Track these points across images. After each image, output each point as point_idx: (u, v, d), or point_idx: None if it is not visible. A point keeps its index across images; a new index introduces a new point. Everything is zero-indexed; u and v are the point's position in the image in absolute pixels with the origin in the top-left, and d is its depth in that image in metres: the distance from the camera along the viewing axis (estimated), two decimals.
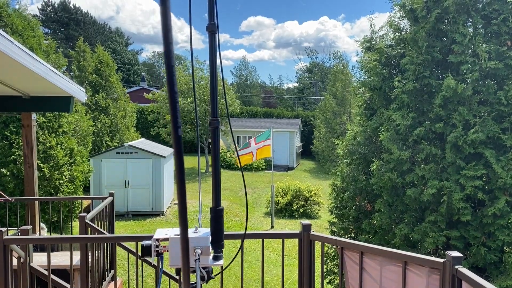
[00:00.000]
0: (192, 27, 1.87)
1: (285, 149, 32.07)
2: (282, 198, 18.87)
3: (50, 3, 45.95)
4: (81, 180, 14.86)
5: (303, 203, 18.51)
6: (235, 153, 30.74)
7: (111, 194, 7.50)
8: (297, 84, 69.73)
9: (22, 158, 11.35)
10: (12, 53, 5.82)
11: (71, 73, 22.97)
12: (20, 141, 12.79)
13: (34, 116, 8.43)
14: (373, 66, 8.24)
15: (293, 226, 16.89)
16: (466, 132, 7.19)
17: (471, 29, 7.65)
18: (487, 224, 7.16)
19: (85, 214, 5.22)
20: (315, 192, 18.96)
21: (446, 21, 7.70)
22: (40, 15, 44.50)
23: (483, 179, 7.35)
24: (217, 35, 1.87)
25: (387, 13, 8.61)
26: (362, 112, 9.13)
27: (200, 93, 26.74)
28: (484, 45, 7.28)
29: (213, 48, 1.86)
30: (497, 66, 6.92)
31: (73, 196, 13.41)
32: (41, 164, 13.19)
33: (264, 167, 30.16)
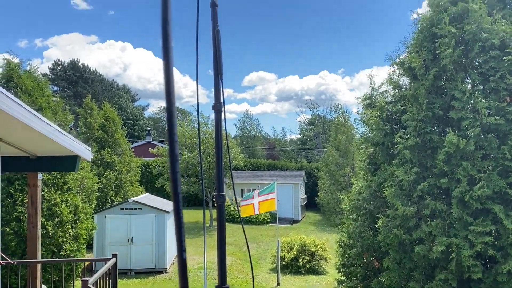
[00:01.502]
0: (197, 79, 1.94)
1: (289, 202, 31.81)
2: (288, 253, 18.47)
3: (60, 63, 47.62)
4: (85, 237, 14.68)
5: (309, 258, 18.09)
6: (240, 204, 30.51)
7: (114, 256, 7.38)
8: (299, 136, 70.33)
9: (26, 216, 11.31)
10: (21, 116, 5.98)
11: (78, 129, 23.37)
12: (24, 198, 12.79)
13: (40, 176, 8.49)
14: (375, 122, 8.36)
15: (300, 283, 16.41)
16: (471, 187, 7.15)
17: (469, 86, 7.83)
18: (502, 283, 6.95)
19: (87, 278, 5.13)
20: (321, 246, 18.58)
21: (444, 78, 7.90)
22: (50, 74, 45.98)
23: (493, 235, 7.22)
24: (223, 113, 1.94)
25: (386, 66, 8.89)
26: (366, 167, 9.16)
27: (204, 147, 26.98)
28: (483, 101, 7.42)
29: (219, 126, 1.92)
30: (498, 121, 7.01)
31: (75, 258, 13.20)
32: (45, 222, 13.10)
33: (269, 220, 29.80)
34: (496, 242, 7.14)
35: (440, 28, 7.51)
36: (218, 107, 1.91)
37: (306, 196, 36.43)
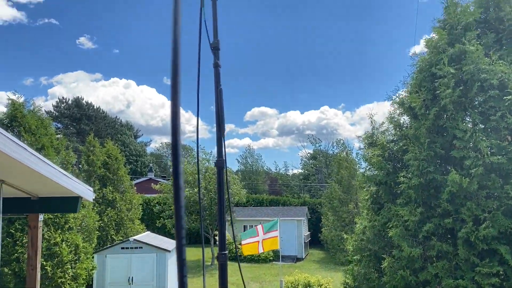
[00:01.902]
0: (199, 116, 1.94)
1: (293, 238, 31.36)
2: None
3: (64, 100, 48.32)
4: (84, 277, 14.42)
5: None
6: (241, 243, 30.05)
7: None
8: (302, 171, 70.13)
9: (25, 256, 11.15)
10: (24, 159, 6.00)
11: (80, 166, 23.39)
12: (24, 238, 12.65)
13: (41, 217, 8.44)
14: (377, 161, 8.36)
15: None
16: (477, 228, 7.06)
17: (470, 125, 7.87)
18: None
19: None
20: (326, 286, 18.18)
21: (445, 117, 7.96)
22: (54, 111, 46.56)
23: (500, 276, 7.07)
24: (225, 169, 1.94)
25: (386, 102, 8.97)
26: (369, 206, 9.08)
27: (206, 183, 26.88)
28: (484, 139, 7.44)
29: (222, 184, 1.92)
30: (500, 160, 7.00)
31: None
32: (44, 262, 12.91)
33: (272, 258, 29.28)
34: (504, 284, 6.98)
35: (439, 68, 7.63)
36: (220, 164, 1.92)
37: (309, 232, 35.95)
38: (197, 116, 1.89)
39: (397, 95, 9.01)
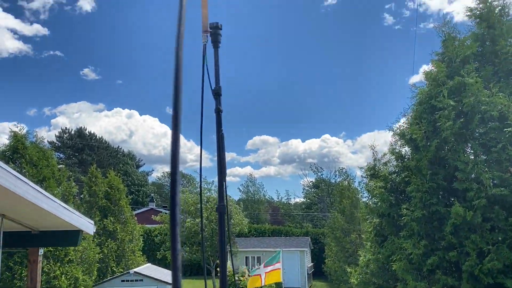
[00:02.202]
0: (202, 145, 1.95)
1: (296, 270, 30.86)
2: None
3: (67, 130, 48.67)
4: None
5: None
6: (247, 274, 29.59)
7: None
8: (304, 200, 69.67)
9: None
10: (26, 193, 6.00)
11: (81, 196, 23.32)
12: (23, 271, 12.49)
13: (41, 251, 8.36)
14: (380, 193, 8.33)
15: None
16: (481, 261, 6.96)
17: (472, 156, 7.87)
18: None
19: None
20: None
21: (446, 149, 7.98)
22: (57, 141, 46.83)
23: None
24: (226, 215, 1.94)
25: (386, 131, 8.96)
26: (372, 238, 8.99)
27: (208, 213, 26.69)
28: (487, 170, 7.42)
29: (223, 229, 1.92)
30: (503, 192, 6.96)
31: None
32: None
33: None
34: None
35: (439, 101, 7.70)
36: (221, 209, 1.93)
37: (312, 263, 35.40)
38: (200, 160, 1.91)
39: (398, 126, 9.06)
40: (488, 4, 8.64)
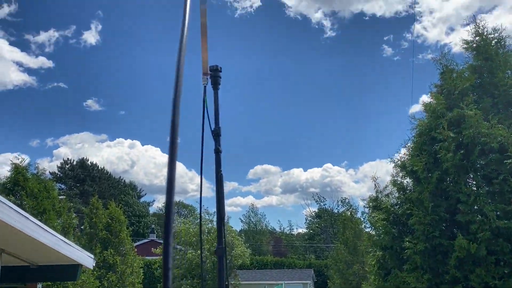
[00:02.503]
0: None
1: None
2: None
3: (69, 161, 48.86)
4: None
5: None
6: None
7: None
8: (306, 230, 68.90)
9: None
10: (26, 228, 5.97)
11: (82, 227, 23.16)
12: None
13: (40, 285, 8.25)
14: (382, 226, 8.26)
15: None
16: None
17: (474, 188, 7.84)
18: None
19: None
20: None
21: (448, 180, 7.95)
22: (59, 172, 46.91)
23: None
24: (224, 258, 1.94)
25: (388, 160, 8.97)
26: (376, 271, 8.85)
27: (209, 245, 26.37)
28: (490, 202, 7.38)
29: (222, 272, 1.91)
30: (507, 225, 6.90)
31: None
32: None
33: None
34: None
35: (439, 132, 7.74)
36: (220, 252, 1.92)
37: None
38: (200, 199, 1.92)
39: (399, 157, 9.07)
40: (484, 37, 8.79)
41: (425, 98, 9.10)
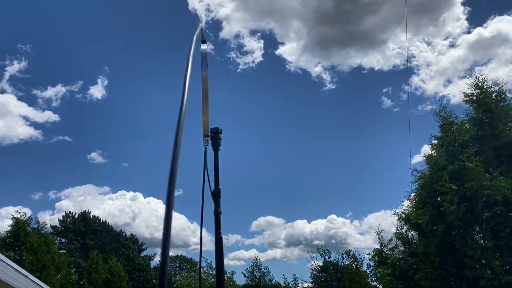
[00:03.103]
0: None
1: None
2: None
3: (70, 214, 48.39)
4: None
5: None
6: None
7: None
8: (312, 285, 66.78)
9: None
10: (22, 286, 5.88)
11: (81, 282, 22.59)
12: None
13: None
14: (388, 281, 8.05)
15: None
16: None
17: (481, 241, 7.71)
18: None
19: None
20: None
21: (453, 234, 7.83)
22: (60, 226, 46.35)
23: None
24: None
25: (392, 210, 8.87)
26: None
27: None
28: (498, 256, 7.23)
29: None
30: None
31: None
32: None
33: None
34: None
35: (441, 185, 7.73)
36: None
37: None
38: (200, 264, 1.91)
39: (402, 210, 9.00)
40: (484, 90, 8.95)
41: (427, 149, 9.16)
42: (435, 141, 9.17)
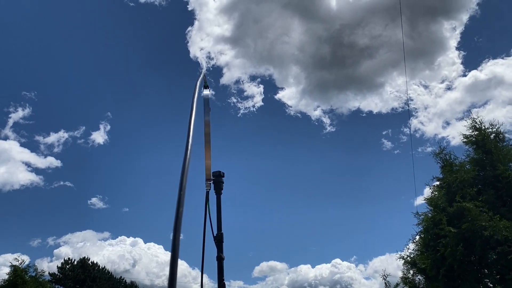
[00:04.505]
0: None
1: None
2: None
3: (70, 261, 47.46)
4: None
5: None
6: None
7: None
8: None
9: None
10: None
11: None
12: None
13: None
14: None
15: None
16: None
17: (491, 284, 7.55)
18: None
19: None
20: None
21: (457, 278, 7.68)
22: (58, 273, 45.38)
23: None
24: None
25: (398, 254, 8.76)
26: None
27: None
28: None
29: None
30: None
31: None
32: None
33: None
34: None
35: (441, 228, 7.69)
36: None
37: None
38: None
39: (408, 253, 8.87)
40: (482, 131, 9.05)
41: (429, 191, 9.15)
42: (438, 183, 9.17)
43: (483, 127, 9.12)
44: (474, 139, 9.12)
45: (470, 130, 9.24)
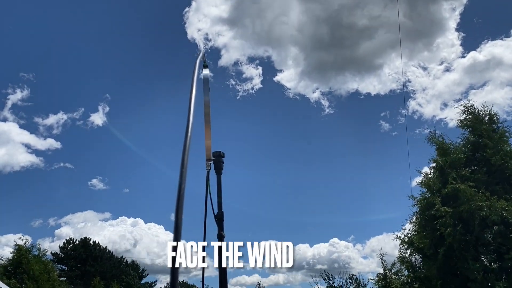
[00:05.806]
0: None
1: None
2: None
3: (71, 241, 47.95)
4: None
5: None
6: None
7: None
8: None
9: None
10: None
11: None
12: None
13: None
14: None
15: None
16: None
17: (487, 263, 7.65)
18: None
19: None
20: None
21: (455, 257, 7.78)
22: (60, 253, 45.91)
23: None
24: None
25: (395, 234, 8.85)
26: None
27: None
28: (504, 279, 7.18)
29: None
30: None
31: None
32: None
33: None
34: None
35: (436, 209, 7.75)
36: None
37: None
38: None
39: (405, 233, 8.97)
40: (476, 115, 9.05)
41: (427, 170, 9.20)
42: (433, 164, 9.22)
43: (476, 111, 9.13)
44: (468, 122, 9.14)
45: (464, 115, 9.25)
